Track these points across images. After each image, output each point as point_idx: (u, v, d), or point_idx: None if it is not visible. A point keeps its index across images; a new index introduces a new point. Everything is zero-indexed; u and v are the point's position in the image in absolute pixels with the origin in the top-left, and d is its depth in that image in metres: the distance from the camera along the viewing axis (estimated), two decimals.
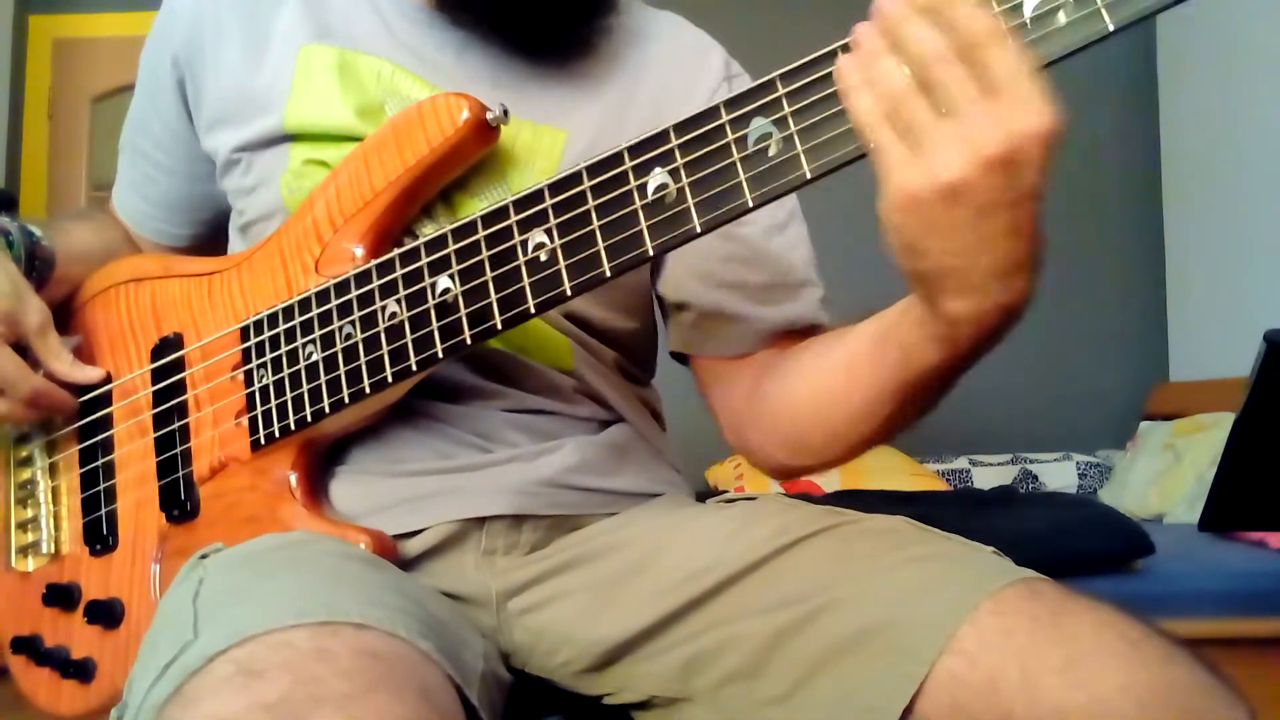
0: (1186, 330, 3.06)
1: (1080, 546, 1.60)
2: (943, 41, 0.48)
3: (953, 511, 1.65)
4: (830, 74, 0.54)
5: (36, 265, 0.81)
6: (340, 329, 0.69)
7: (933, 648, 0.56)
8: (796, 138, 0.55)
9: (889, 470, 2.52)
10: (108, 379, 0.81)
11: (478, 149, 0.72)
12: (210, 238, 0.91)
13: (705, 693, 0.66)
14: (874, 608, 0.61)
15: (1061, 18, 0.50)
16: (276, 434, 0.71)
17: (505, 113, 0.71)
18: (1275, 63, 2.57)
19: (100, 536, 0.78)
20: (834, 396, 0.68)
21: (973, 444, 2.92)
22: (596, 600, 0.71)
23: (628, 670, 0.69)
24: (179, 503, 0.74)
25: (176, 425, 0.76)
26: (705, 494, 0.79)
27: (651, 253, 0.59)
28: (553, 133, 0.77)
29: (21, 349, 0.77)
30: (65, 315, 0.86)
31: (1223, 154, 2.83)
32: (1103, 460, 2.90)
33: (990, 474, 2.81)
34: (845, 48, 0.54)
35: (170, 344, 0.78)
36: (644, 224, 0.59)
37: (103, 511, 0.79)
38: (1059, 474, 2.84)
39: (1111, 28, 0.50)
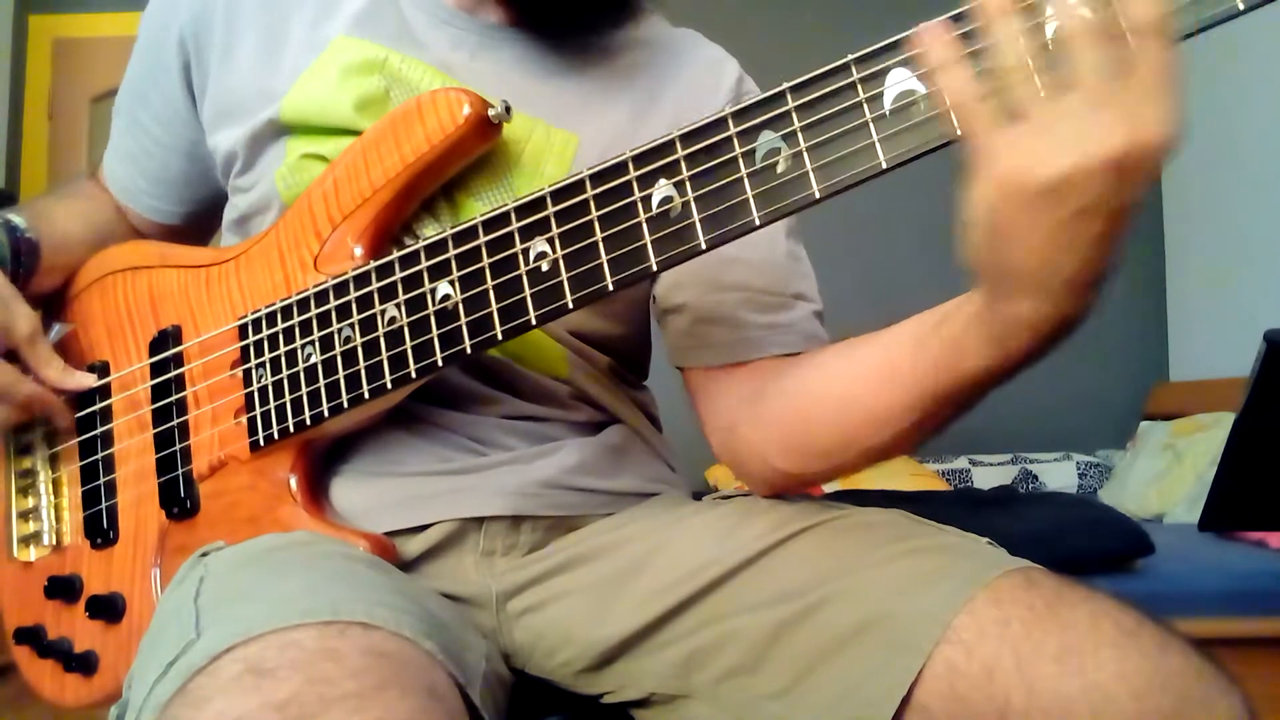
0: (1186, 330, 3.07)
1: (1080, 546, 1.60)
2: (1098, 15, 0.45)
3: (953, 511, 1.64)
4: (841, 89, 0.52)
5: (22, 260, 0.80)
6: (339, 331, 0.68)
7: (929, 639, 0.56)
8: (806, 155, 0.54)
9: (889, 470, 2.52)
10: (106, 371, 0.80)
11: (479, 145, 0.71)
12: (203, 217, 0.89)
13: (705, 689, 0.66)
14: (871, 601, 0.61)
15: None
16: (275, 436, 0.70)
17: (507, 109, 0.70)
18: (1275, 63, 2.57)
19: (101, 530, 0.78)
20: (858, 397, 0.65)
21: (973, 444, 2.92)
22: (595, 600, 0.71)
23: (627, 668, 0.69)
24: (179, 500, 0.74)
25: (176, 421, 0.75)
26: (703, 493, 0.79)
27: (655, 268, 0.58)
28: (565, 136, 0.75)
29: (12, 356, 0.77)
30: (60, 303, 0.85)
31: (1223, 154, 2.83)
32: (1103, 460, 2.91)
33: (990, 474, 2.81)
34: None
35: (169, 337, 0.77)
36: (648, 238, 0.58)
37: (103, 506, 0.79)
38: (1059, 474, 2.85)
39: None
